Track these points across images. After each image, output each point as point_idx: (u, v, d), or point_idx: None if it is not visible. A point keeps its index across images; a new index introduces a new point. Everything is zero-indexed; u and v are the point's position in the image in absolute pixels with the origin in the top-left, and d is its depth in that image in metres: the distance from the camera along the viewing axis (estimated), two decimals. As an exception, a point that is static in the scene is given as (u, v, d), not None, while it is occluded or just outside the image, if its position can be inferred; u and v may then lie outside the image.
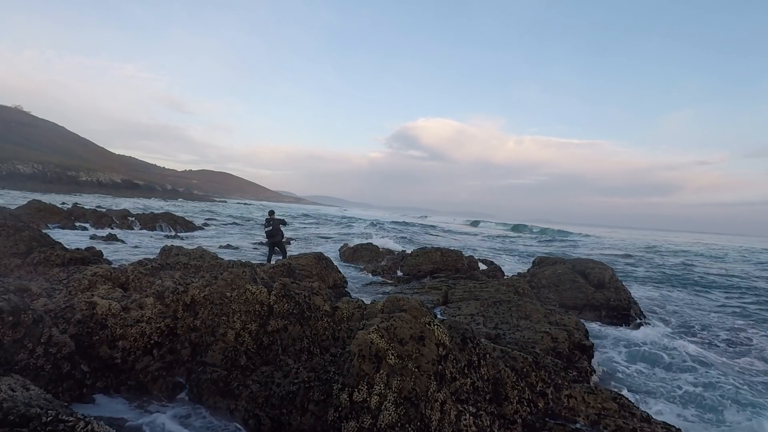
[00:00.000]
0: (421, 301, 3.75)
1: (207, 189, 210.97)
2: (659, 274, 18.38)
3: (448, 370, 3.29)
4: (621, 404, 3.96)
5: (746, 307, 11.98)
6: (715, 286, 15.60)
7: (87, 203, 37.54)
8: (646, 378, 5.98)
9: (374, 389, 2.97)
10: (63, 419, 2.29)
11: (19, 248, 7.39)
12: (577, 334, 6.20)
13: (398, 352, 3.13)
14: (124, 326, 3.97)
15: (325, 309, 4.41)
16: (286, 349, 4.06)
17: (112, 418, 3.43)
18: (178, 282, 4.66)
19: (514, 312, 6.91)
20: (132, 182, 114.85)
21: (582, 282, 10.15)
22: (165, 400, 3.84)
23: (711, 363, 6.69)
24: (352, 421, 2.91)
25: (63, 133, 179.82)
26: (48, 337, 3.41)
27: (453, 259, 12.90)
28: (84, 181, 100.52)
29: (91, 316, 3.91)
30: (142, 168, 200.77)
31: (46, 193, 58.46)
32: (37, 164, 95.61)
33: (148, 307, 4.21)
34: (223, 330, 4.10)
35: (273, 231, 12.72)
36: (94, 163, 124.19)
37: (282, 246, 13.04)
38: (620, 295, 9.73)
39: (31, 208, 19.39)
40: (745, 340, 8.47)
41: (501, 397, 3.59)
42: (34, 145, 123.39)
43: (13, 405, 2.26)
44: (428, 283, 10.31)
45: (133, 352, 3.94)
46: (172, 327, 4.22)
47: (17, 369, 3.12)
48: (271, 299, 4.30)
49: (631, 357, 6.80)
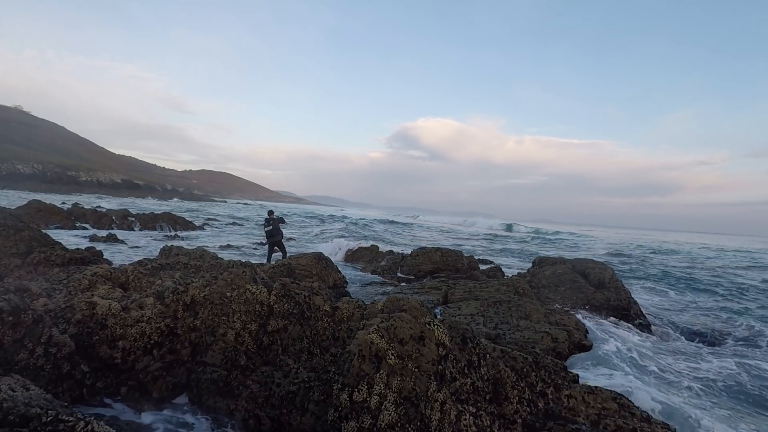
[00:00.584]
0: (421, 301, 3.75)
1: (207, 189, 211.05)
2: (642, 272, 18.57)
3: (448, 370, 3.29)
4: (621, 404, 3.96)
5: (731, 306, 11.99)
6: (701, 285, 15.67)
7: (87, 203, 37.56)
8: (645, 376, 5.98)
9: (374, 389, 2.97)
10: (63, 419, 2.29)
11: (19, 248, 7.39)
12: (577, 334, 6.20)
13: (398, 352, 3.13)
14: (124, 326, 3.97)
15: (325, 309, 4.41)
16: (286, 349, 4.06)
17: (112, 418, 3.44)
18: (178, 282, 4.66)
19: (514, 312, 6.91)
20: (132, 182, 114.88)
21: (582, 282, 10.15)
22: (165, 400, 3.84)
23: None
24: (352, 421, 2.91)
25: (63, 133, 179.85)
26: (48, 337, 3.41)
27: (453, 259, 12.91)
28: (84, 181, 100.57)
29: (91, 316, 3.90)
30: (142, 168, 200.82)
31: (46, 193, 58.47)
32: (37, 164, 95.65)
33: (148, 307, 4.21)
34: (223, 330, 4.10)
35: (273, 231, 12.70)
36: (94, 163, 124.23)
37: (282, 245, 13.02)
38: (620, 295, 9.73)
39: (31, 208, 19.40)
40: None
41: (501, 397, 3.59)
42: (34, 145, 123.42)
43: (13, 405, 2.26)
44: (428, 283, 10.31)
45: (133, 352, 3.94)
46: (172, 327, 4.22)
47: (17, 369, 3.12)
48: (271, 299, 4.30)
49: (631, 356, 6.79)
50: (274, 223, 12.66)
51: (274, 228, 12.65)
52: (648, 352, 6.92)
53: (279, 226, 12.85)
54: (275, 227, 12.67)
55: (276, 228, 12.70)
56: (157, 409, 3.72)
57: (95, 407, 3.55)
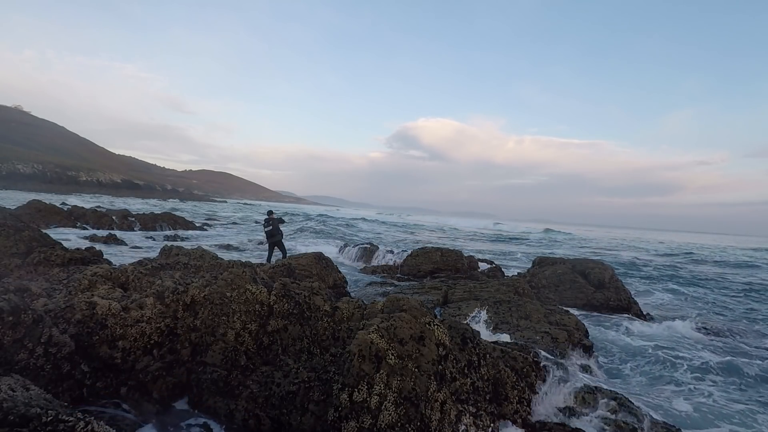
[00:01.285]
0: (421, 301, 3.75)
1: (207, 189, 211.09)
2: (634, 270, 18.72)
3: (448, 370, 3.29)
4: (621, 404, 3.96)
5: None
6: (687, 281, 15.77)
7: (87, 203, 37.55)
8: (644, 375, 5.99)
9: (374, 389, 2.97)
10: (63, 419, 2.29)
11: (19, 248, 7.39)
12: (577, 333, 6.20)
13: (398, 352, 3.13)
14: (124, 326, 3.97)
15: (325, 309, 4.40)
16: (286, 349, 4.06)
17: (112, 418, 3.43)
18: (178, 282, 4.66)
19: (515, 312, 6.91)
20: (132, 182, 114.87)
21: (582, 282, 10.15)
22: (165, 400, 3.84)
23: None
24: (352, 421, 2.91)
25: (63, 133, 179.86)
26: (48, 337, 3.41)
27: (453, 259, 12.91)
28: (84, 181, 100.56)
29: (91, 316, 3.90)
30: (142, 168, 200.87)
31: (46, 193, 58.47)
32: (37, 164, 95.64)
33: (148, 307, 4.21)
34: (223, 330, 4.10)
35: (273, 230, 12.71)
36: (94, 163, 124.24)
37: (282, 245, 13.03)
38: (620, 295, 9.73)
39: (31, 208, 19.40)
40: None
41: (501, 397, 3.59)
42: (34, 145, 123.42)
43: (13, 405, 2.26)
44: (428, 283, 10.30)
45: (133, 352, 3.94)
46: (172, 327, 4.22)
47: (17, 369, 3.12)
48: (271, 299, 4.29)
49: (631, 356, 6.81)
50: (273, 223, 12.70)
51: (273, 228, 12.68)
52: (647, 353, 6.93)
53: (279, 226, 12.89)
54: (275, 227, 12.71)
55: (276, 228, 12.73)
56: (157, 409, 3.72)
57: (95, 407, 3.55)
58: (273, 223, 12.66)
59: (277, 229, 12.76)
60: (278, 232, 12.81)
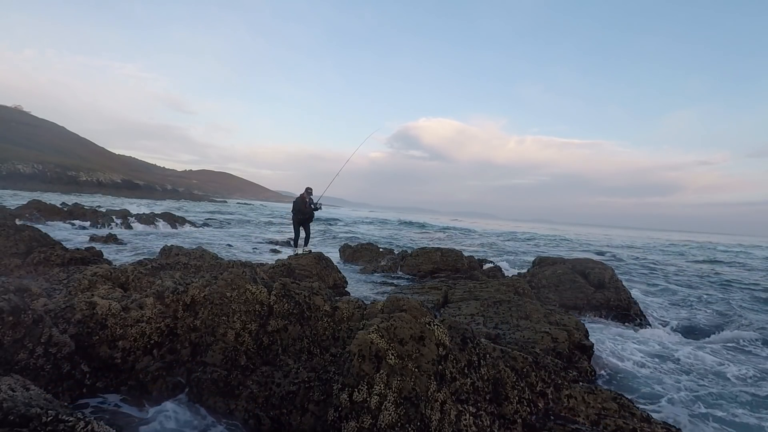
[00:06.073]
0: (421, 302, 3.75)
1: (207, 189, 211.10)
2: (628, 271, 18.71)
3: (448, 370, 3.29)
4: (621, 404, 3.95)
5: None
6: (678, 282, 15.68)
7: (87, 203, 37.53)
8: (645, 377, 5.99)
9: (374, 389, 2.97)
10: (63, 419, 2.29)
11: (19, 248, 7.39)
12: (577, 334, 6.20)
13: (398, 352, 3.13)
14: (124, 326, 3.97)
15: (325, 309, 4.40)
16: (286, 349, 4.06)
17: (112, 418, 3.43)
18: (178, 282, 4.66)
19: (514, 312, 6.91)
20: (132, 182, 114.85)
21: (582, 282, 10.15)
22: (165, 400, 3.84)
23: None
24: (352, 421, 2.91)
25: (63, 133, 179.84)
26: (48, 337, 3.41)
27: (453, 259, 12.91)
28: (84, 181, 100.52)
29: (91, 316, 3.90)
30: (142, 168, 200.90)
31: (46, 193, 58.48)
32: (37, 164, 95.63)
33: (148, 307, 4.21)
34: (223, 330, 4.10)
35: (301, 207, 11.94)
36: (94, 163, 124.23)
37: (308, 228, 12.39)
38: (620, 295, 9.73)
39: (31, 208, 19.41)
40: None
41: (501, 397, 3.59)
42: (34, 145, 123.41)
43: (13, 405, 2.26)
44: (428, 283, 10.30)
45: (133, 352, 3.94)
46: (172, 327, 4.22)
47: (17, 369, 3.12)
48: (271, 299, 4.30)
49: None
50: (309, 202, 11.98)
51: (307, 208, 12.07)
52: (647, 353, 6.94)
53: (312, 207, 12.21)
54: (308, 208, 12.06)
55: (309, 209, 12.11)
56: (157, 410, 3.72)
57: (95, 407, 3.55)
58: (307, 205, 11.89)
59: (310, 210, 12.15)
60: (310, 213, 12.19)
